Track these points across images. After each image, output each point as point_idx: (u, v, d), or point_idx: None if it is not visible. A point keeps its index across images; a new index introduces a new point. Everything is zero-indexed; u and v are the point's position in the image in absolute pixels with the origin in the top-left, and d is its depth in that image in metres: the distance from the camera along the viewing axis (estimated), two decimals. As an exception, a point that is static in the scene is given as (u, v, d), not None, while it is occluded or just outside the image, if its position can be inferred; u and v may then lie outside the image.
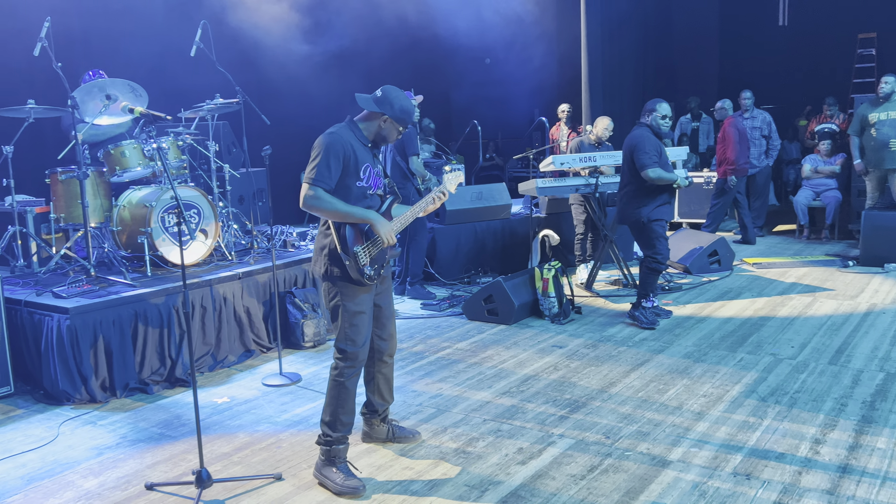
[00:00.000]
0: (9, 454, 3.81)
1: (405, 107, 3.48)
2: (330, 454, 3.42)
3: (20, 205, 5.55)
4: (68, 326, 4.39)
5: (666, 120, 5.70)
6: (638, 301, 5.80)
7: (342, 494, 3.31)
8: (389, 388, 3.77)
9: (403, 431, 3.85)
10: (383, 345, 3.68)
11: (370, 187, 3.48)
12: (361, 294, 3.44)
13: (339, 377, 3.43)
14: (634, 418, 4.05)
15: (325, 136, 3.37)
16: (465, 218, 7.50)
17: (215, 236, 5.56)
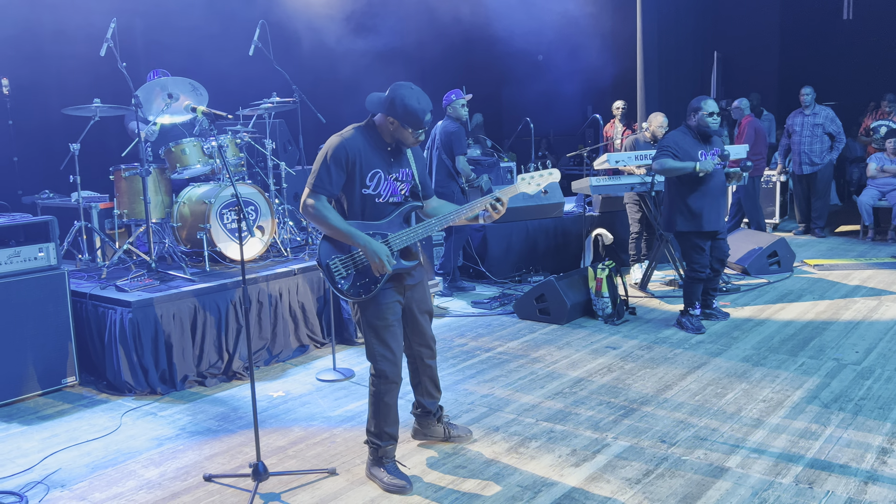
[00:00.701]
0: (74, 442, 3.94)
1: (410, 107, 3.14)
2: (377, 455, 3.43)
3: (86, 201, 5.75)
4: (130, 319, 4.51)
5: (714, 117, 5.49)
6: (684, 309, 5.69)
7: (389, 492, 3.32)
8: (436, 385, 3.71)
9: (457, 430, 3.82)
10: (424, 351, 3.57)
11: (380, 195, 3.24)
12: (380, 305, 3.26)
13: (376, 394, 3.36)
14: (690, 423, 3.97)
15: (334, 138, 3.21)
16: (516, 216, 7.46)
17: (271, 233, 5.65)
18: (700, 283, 5.58)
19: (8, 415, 4.32)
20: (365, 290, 3.23)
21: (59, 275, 4.63)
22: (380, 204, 3.26)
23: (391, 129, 3.24)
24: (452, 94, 6.67)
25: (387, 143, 3.30)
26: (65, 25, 7.55)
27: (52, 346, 4.60)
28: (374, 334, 3.32)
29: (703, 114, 5.48)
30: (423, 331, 3.54)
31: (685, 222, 5.52)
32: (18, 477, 3.56)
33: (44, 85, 7.51)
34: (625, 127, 9.86)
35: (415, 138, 3.26)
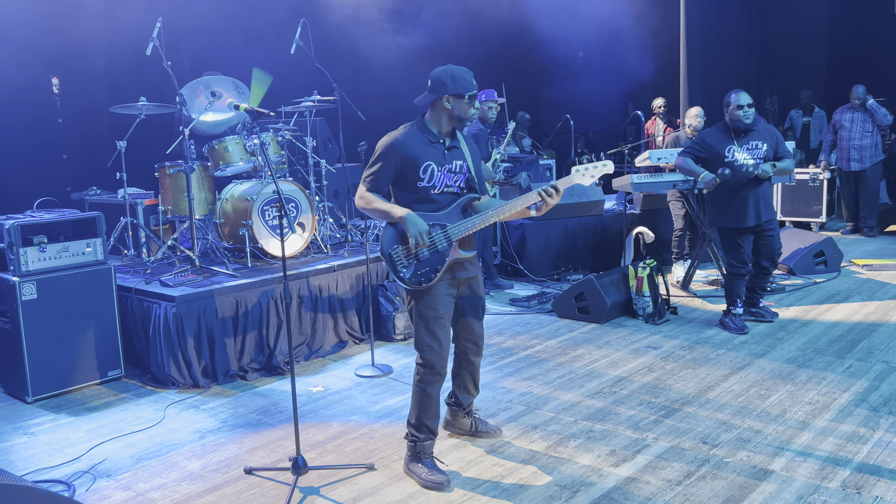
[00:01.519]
0: (120, 434, 4.03)
1: (453, 74, 3.33)
2: (416, 450, 3.44)
3: (131, 197, 5.86)
4: (174, 314, 4.60)
5: (744, 110, 5.35)
6: (727, 308, 5.59)
7: (427, 488, 3.33)
8: (475, 381, 3.74)
9: (486, 426, 3.83)
10: (471, 347, 3.60)
11: (435, 186, 3.35)
12: (434, 297, 3.34)
13: (420, 383, 3.41)
14: (733, 425, 3.90)
15: (385, 138, 3.36)
16: (555, 214, 7.40)
17: (312, 229, 5.70)
18: (740, 281, 5.48)
19: (57, 406, 4.44)
20: (425, 279, 3.31)
21: (105, 270, 4.74)
22: (436, 195, 3.37)
23: (448, 110, 3.34)
24: (483, 95, 6.60)
25: (440, 136, 3.40)
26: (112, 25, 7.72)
27: (99, 340, 4.71)
28: (424, 324, 3.37)
29: (734, 107, 5.39)
30: (471, 326, 3.57)
31: (721, 217, 5.45)
32: (66, 466, 3.65)
33: (92, 84, 7.69)
34: (666, 124, 9.72)
35: (473, 107, 3.35)
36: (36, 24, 7.27)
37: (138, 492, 3.38)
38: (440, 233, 3.31)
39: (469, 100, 3.34)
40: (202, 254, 5.47)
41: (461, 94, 3.32)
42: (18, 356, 4.42)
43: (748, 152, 5.37)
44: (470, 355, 3.62)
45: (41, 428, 4.13)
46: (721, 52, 10.34)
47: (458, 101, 3.33)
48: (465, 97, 3.33)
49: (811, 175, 9.52)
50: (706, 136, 5.53)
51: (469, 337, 3.58)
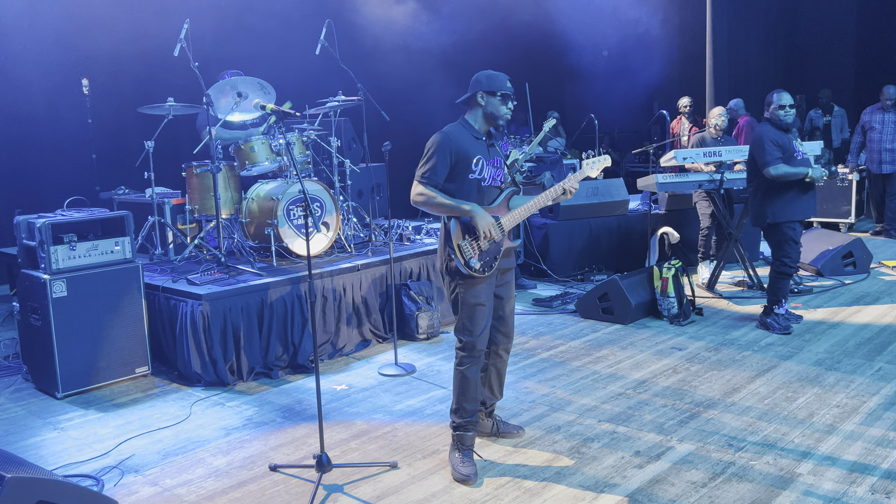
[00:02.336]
0: (147, 430, 4.08)
1: (490, 73, 3.53)
2: (458, 439, 3.51)
3: (159, 196, 5.94)
4: (201, 312, 4.65)
5: (785, 110, 5.34)
6: (769, 307, 5.52)
7: (455, 480, 3.38)
8: (500, 383, 3.80)
9: (508, 427, 3.86)
10: (501, 338, 3.71)
11: (484, 179, 3.51)
12: (479, 286, 3.48)
13: (459, 366, 3.52)
14: (759, 428, 3.86)
15: (436, 135, 3.48)
16: (579, 214, 7.38)
17: (336, 229, 5.73)
18: (787, 280, 5.44)
19: (86, 402, 4.51)
20: (488, 267, 3.47)
21: (133, 268, 4.81)
22: (486, 188, 3.53)
23: (483, 107, 3.51)
24: None
25: (481, 133, 3.56)
26: (140, 26, 7.83)
27: (127, 337, 4.77)
28: (468, 311, 3.48)
29: (775, 106, 5.35)
30: (505, 318, 3.70)
31: (785, 212, 5.36)
32: (95, 461, 3.71)
33: (120, 85, 7.81)
34: (691, 124, 9.64)
35: (507, 107, 3.51)
36: (66, 26, 7.40)
37: (165, 487, 3.43)
38: (497, 224, 3.48)
39: (501, 98, 3.49)
40: (228, 252, 5.53)
41: (494, 91, 3.48)
42: (49, 353, 4.50)
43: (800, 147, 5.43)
44: (500, 348, 3.72)
45: (70, 423, 4.20)
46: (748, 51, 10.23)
47: (491, 97, 3.49)
48: (497, 94, 3.48)
49: (839, 175, 9.37)
50: (776, 138, 5.34)
51: (501, 328, 3.69)
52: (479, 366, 3.56)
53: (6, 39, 7.01)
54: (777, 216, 5.38)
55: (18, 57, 7.10)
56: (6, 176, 7.46)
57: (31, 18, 7.19)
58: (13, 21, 7.07)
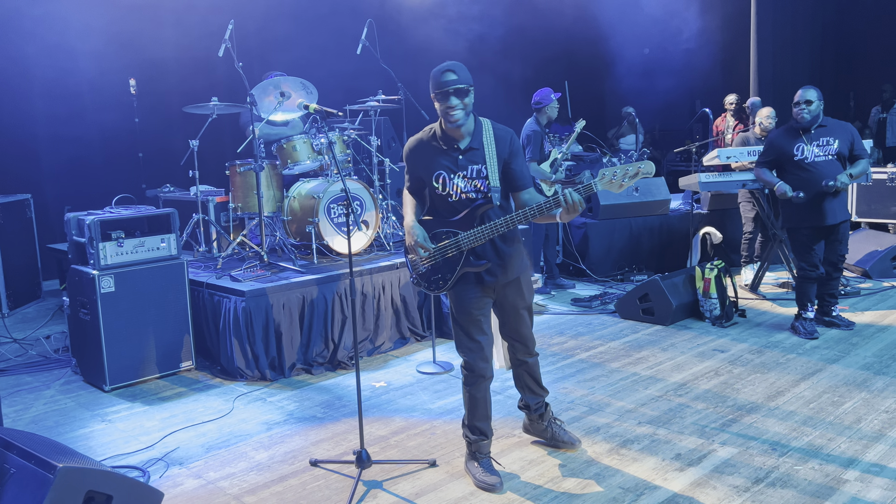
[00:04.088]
0: (191, 423, 4.17)
1: (432, 76, 3.14)
2: (472, 449, 3.46)
3: (203, 194, 6.05)
4: (244, 308, 4.73)
5: (800, 107, 5.20)
6: (798, 311, 5.42)
7: (480, 489, 3.33)
8: (537, 382, 3.65)
9: (563, 436, 3.68)
10: (519, 347, 3.56)
11: (451, 194, 3.25)
12: (463, 298, 3.32)
13: (465, 384, 3.42)
14: (804, 432, 3.78)
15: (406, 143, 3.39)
16: (619, 213, 7.32)
17: (376, 227, 5.77)
18: (811, 284, 5.32)
19: (132, 395, 4.62)
20: (435, 286, 3.36)
21: (178, 264, 4.91)
22: (454, 202, 3.27)
23: (439, 112, 3.18)
24: (553, 95, 6.55)
25: (453, 140, 3.24)
26: (185, 28, 7.99)
27: (172, 332, 4.88)
28: (461, 327, 3.37)
29: (794, 103, 5.27)
30: (515, 327, 3.49)
31: (795, 217, 5.31)
32: (141, 453, 3.80)
33: (166, 85, 7.97)
34: (737, 121, 9.46)
35: (448, 104, 3.10)
36: (115, 28, 7.57)
37: (209, 480, 3.50)
38: (452, 241, 3.26)
39: (436, 98, 3.13)
40: (270, 250, 5.61)
41: (434, 95, 3.16)
42: (97, 346, 4.62)
43: (819, 148, 5.22)
44: (518, 355, 3.58)
45: (118, 416, 4.31)
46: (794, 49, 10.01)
47: (435, 101, 3.17)
48: (437, 98, 3.14)
49: (889, 175, 9.12)
50: (773, 139, 5.44)
51: (515, 337, 3.53)
52: (486, 386, 3.38)
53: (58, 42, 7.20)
54: (790, 220, 5.34)
55: (69, 58, 7.30)
56: (57, 174, 7.69)
57: (82, 21, 7.38)
58: (65, 24, 7.26)
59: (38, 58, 7.28)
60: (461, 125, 3.17)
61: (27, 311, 6.66)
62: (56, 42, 7.20)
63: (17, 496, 2.84)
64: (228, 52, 5.46)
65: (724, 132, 9.45)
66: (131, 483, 3.03)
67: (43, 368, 5.15)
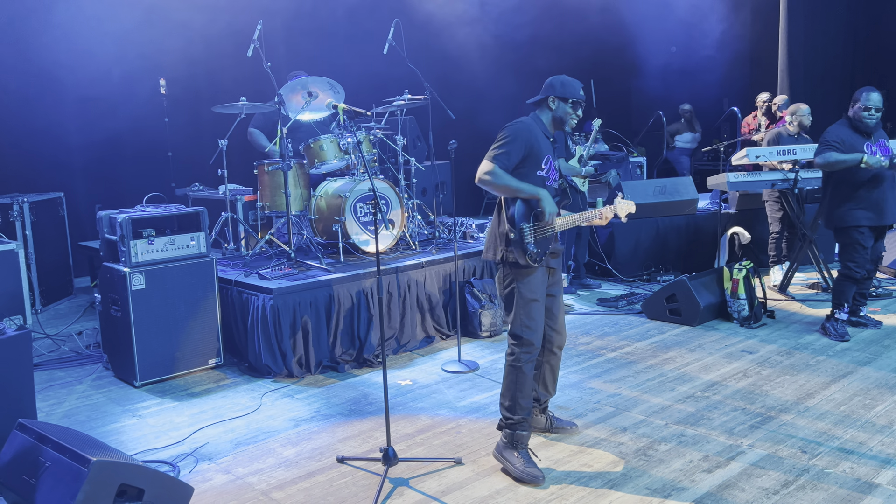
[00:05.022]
0: (220, 419, 4.22)
1: (564, 80, 3.57)
2: (513, 438, 3.48)
3: (232, 193, 6.12)
4: (272, 306, 4.77)
5: (870, 112, 5.08)
6: (831, 311, 5.34)
7: (522, 481, 3.35)
8: (554, 379, 3.81)
9: (561, 423, 3.88)
10: (554, 336, 3.71)
11: (549, 178, 3.54)
12: (534, 281, 3.49)
13: (515, 362, 3.50)
14: (835, 434, 3.73)
15: (514, 123, 3.50)
16: (646, 213, 7.27)
17: (401, 226, 5.80)
18: (852, 284, 5.24)
19: (161, 391, 4.69)
20: (539, 258, 3.46)
21: (208, 262, 4.96)
22: (549, 187, 3.54)
23: (552, 112, 3.58)
24: None
25: (549, 131, 3.61)
26: (213, 27, 8.07)
27: (201, 329, 4.93)
28: (524, 305, 3.48)
29: (860, 107, 5.13)
30: (556, 315, 3.70)
31: (850, 216, 5.18)
32: (171, 448, 3.85)
33: (195, 84, 8.07)
34: (769, 120, 9.34)
35: (577, 114, 3.57)
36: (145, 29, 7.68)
37: (237, 475, 3.54)
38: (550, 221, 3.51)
39: (573, 105, 3.56)
40: (297, 248, 5.65)
41: (566, 98, 3.54)
42: (128, 343, 4.69)
43: (879, 150, 5.17)
44: (554, 346, 3.72)
45: (148, 411, 4.37)
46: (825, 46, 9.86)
47: (563, 103, 3.55)
48: (569, 101, 3.55)
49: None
50: (842, 134, 5.21)
51: (554, 325, 3.69)
52: (534, 362, 3.56)
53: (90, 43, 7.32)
54: (845, 219, 5.19)
55: (100, 59, 7.41)
56: (88, 172, 7.81)
57: (112, 22, 7.49)
58: (95, 25, 7.38)
59: (71, 58, 7.40)
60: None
61: (59, 308, 6.78)
62: (88, 43, 7.31)
63: (52, 488, 2.90)
64: (257, 52, 5.51)
65: (756, 131, 9.34)
66: (162, 477, 3.07)
67: (75, 364, 5.24)
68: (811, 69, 9.70)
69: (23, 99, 7.18)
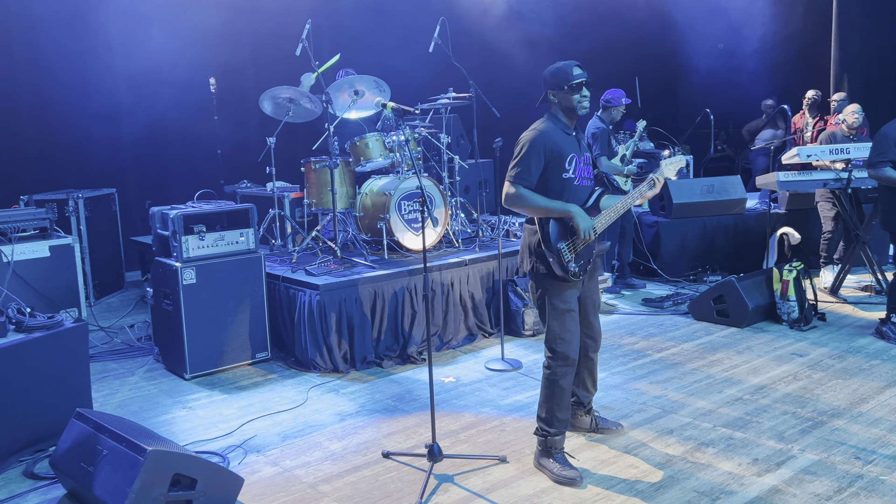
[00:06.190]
0: (267, 412, 4.29)
1: (553, 68, 3.42)
2: (546, 445, 3.46)
3: (279, 190, 6.21)
4: (318, 301, 4.84)
5: None
6: (887, 315, 5.20)
7: (560, 483, 3.34)
8: (593, 379, 3.78)
9: (606, 423, 3.85)
10: (589, 342, 3.65)
11: (576, 178, 3.42)
12: (568, 291, 3.41)
13: (552, 376, 3.45)
14: (890, 441, 3.64)
15: (528, 132, 3.40)
16: (693, 212, 7.17)
17: (444, 224, 5.82)
18: None
19: (211, 383, 4.79)
20: (583, 271, 3.42)
21: (256, 258, 5.05)
22: (577, 187, 3.44)
23: (557, 105, 3.44)
24: (624, 99, 6.50)
25: (570, 127, 3.47)
26: (261, 26, 8.20)
27: (249, 323, 5.02)
28: (557, 317, 3.42)
29: None
30: (591, 321, 3.65)
31: None
32: (221, 440, 3.94)
33: (243, 83, 8.20)
34: (816, 118, 9.13)
35: (581, 95, 3.38)
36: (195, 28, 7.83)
37: (285, 468, 3.60)
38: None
39: (570, 90, 3.37)
40: (342, 245, 5.72)
41: (560, 86, 3.38)
42: (179, 336, 4.80)
43: None
44: (589, 352, 3.68)
45: (198, 403, 4.47)
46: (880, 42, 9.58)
47: (560, 92, 3.40)
48: (564, 88, 3.38)
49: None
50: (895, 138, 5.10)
51: (588, 332, 3.64)
52: (573, 375, 3.47)
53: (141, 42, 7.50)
54: None
55: (152, 58, 7.59)
56: (139, 169, 8.00)
57: (164, 22, 7.66)
58: (147, 26, 7.55)
59: (123, 58, 7.60)
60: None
61: (111, 301, 6.97)
62: (140, 42, 7.50)
63: (109, 476, 2.99)
64: (305, 50, 5.58)
65: (803, 130, 9.14)
66: (214, 468, 3.14)
67: (127, 356, 5.38)
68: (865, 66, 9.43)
69: (79, 98, 7.39)
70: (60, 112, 7.36)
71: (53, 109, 7.35)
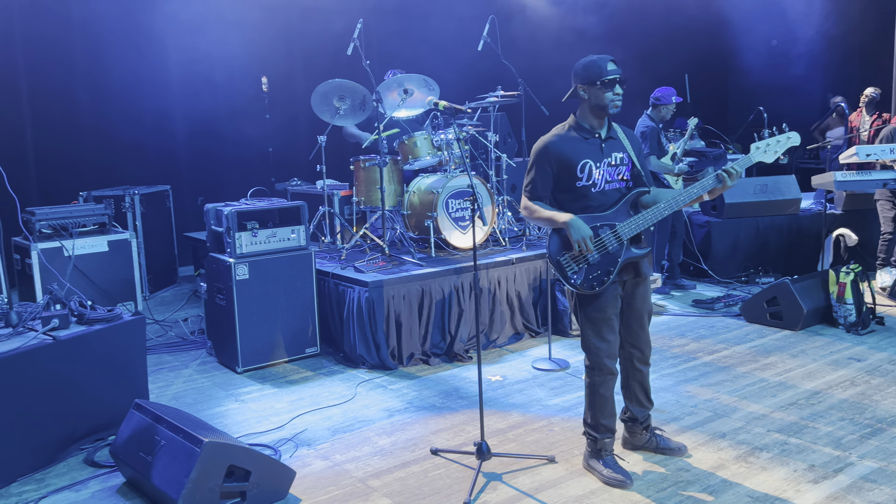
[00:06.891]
0: (317, 407, 4.35)
1: (586, 62, 3.24)
2: (596, 447, 3.42)
3: (329, 188, 6.29)
4: (366, 298, 4.88)
5: None
6: None
7: (609, 485, 3.31)
8: (647, 394, 3.57)
9: (668, 444, 3.58)
10: (635, 353, 3.47)
11: (595, 184, 3.26)
12: (601, 299, 3.27)
13: (592, 385, 3.39)
14: (954, 450, 3.53)
15: (536, 143, 3.32)
16: (746, 212, 7.03)
17: (492, 222, 5.81)
18: None
19: (262, 377, 4.87)
20: (598, 283, 3.24)
21: (306, 255, 5.12)
22: (599, 193, 3.28)
23: (585, 100, 3.27)
24: (674, 97, 6.40)
25: (593, 129, 3.31)
26: (311, 26, 8.30)
27: (299, 319, 5.10)
28: (592, 326, 3.32)
29: None
30: (636, 331, 3.45)
31: None
32: (272, 433, 4.00)
33: (294, 83, 8.32)
34: (874, 116, 8.86)
35: (613, 93, 3.20)
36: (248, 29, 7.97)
37: (335, 462, 3.65)
38: (609, 233, 3.24)
39: (602, 86, 3.19)
40: (390, 243, 5.76)
41: (592, 82, 3.21)
42: (231, 330, 4.89)
43: None
44: (636, 362, 3.49)
45: (250, 396, 4.56)
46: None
47: (591, 88, 3.22)
48: (596, 84, 3.20)
49: None
50: None
51: (634, 343, 3.46)
52: (613, 383, 3.35)
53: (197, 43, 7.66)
54: None
55: (206, 58, 7.74)
56: (192, 167, 8.19)
57: (219, 23, 7.81)
58: (202, 27, 7.71)
59: (178, 57, 7.78)
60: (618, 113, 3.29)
61: (165, 295, 7.14)
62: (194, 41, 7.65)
63: (167, 466, 3.07)
64: (356, 50, 5.64)
65: (860, 128, 8.88)
66: (267, 460, 3.20)
67: (181, 349, 5.51)
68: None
69: (135, 98, 7.60)
70: (118, 111, 7.57)
71: (111, 108, 7.57)
